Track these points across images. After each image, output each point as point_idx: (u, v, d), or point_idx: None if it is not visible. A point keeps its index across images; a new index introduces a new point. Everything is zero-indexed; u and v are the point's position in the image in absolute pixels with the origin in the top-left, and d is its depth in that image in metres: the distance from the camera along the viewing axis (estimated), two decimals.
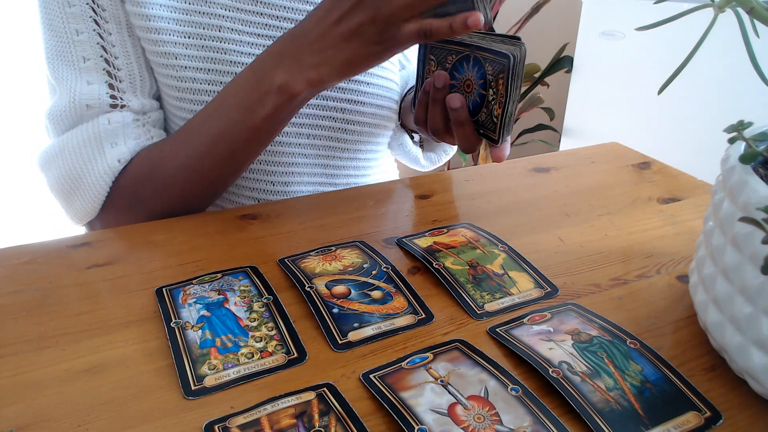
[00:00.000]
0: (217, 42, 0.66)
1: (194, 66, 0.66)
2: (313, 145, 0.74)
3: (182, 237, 0.57)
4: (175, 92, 0.68)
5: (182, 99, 0.67)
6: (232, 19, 0.66)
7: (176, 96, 0.68)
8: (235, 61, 0.67)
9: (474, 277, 0.50)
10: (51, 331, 0.44)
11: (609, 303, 0.47)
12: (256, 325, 0.44)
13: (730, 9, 0.36)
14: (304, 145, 0.73)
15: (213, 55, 0.66)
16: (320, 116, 0.73)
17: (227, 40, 0.66)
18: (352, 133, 0.76)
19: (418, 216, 0.62)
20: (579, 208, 0.63)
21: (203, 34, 0.66)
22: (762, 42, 0.42)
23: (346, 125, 0.75)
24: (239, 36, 0.67)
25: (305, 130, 0.73)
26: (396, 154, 0.89)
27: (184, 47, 0.66)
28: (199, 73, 0.66)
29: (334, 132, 0.75)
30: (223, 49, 0.66)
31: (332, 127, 0.74)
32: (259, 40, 0.68)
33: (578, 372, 0.38)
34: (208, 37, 0.66)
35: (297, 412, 0.36)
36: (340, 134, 0.75)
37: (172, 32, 0.65)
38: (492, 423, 0.34)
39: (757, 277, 0.33)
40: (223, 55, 0.66)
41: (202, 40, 0.66)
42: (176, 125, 0.70)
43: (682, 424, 0.35)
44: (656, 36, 1.64)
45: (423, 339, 0.43)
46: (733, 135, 0.39)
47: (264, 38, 0.68)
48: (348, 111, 0.74)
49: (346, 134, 0.75)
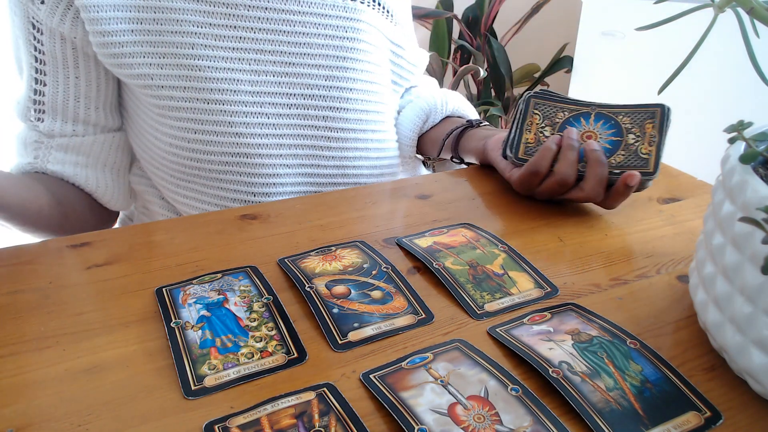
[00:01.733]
0: (191, 60, 0.67)
1: (171, 85, 0.68)
2: (295, 155, 0.74)
3: (182, 237, 0.57)
4: (157, 110, 0.70)
5: (164, 116, 0.70)
6: (205, 36, 0.67)
7: (158, 113, 0.70)
8: (210, 77, 0.68)
9: (474, 277, 0.50)
10: (51, 331, 0.44)
11: (609, 303, 0.47)
12: (256, 325, 0.44)
13: (730, 9, 0.36)
14: (285, 155, 0.73)
15: (188, 72, 0.68)
16: (301, 125, 0.73)
17: (201, 57, 0.67)
18: (336, 140, 0.75)
19: (418, 216, 0.62)
20: (579, 208, 0.63)
21: (177, 53, 0.67)
22: (762, 42, 0.42)
23: (330, 133, 0.75)
24: (213, 52, 0.68)
25: (286, 141, 0.73)
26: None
27: (159, 67, 0.67)
28: (176, 91, 0.68)
29: (317, 140, 0.74)
30: (198, 66, 0.67)
31: (315, 135, 0.74)
32: (234, 53, 0.69)
33: (578, 372, 0.38)
34: (182, 56, 0.67)
35: (297, 412, 0.36)
36: (324, 142, 0.75)
37: (144, 54, 0.68)
38: (492, 423, 0.34)
39: (757, 277, 0.33)
40: (199, 72, 0.68)
41: (176, 59, 0.67)
42: (159, 140, 0.72)
43: (682, 424, 0.35)
44: (656, 36, 1.64)
45: (423, 339, 0.43)
46: (733, 135, 0.39)
47: (239, 51, 0.69)
48: (330, 119, 0.74)
49: (330, 142, 0.75)
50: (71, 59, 0.70)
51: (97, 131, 0.76)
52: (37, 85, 0.71)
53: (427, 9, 2.13)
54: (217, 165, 0.71)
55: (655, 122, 0.62)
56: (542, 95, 0.68)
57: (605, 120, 0.64)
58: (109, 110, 0.76)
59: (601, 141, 0.62)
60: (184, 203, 0.75)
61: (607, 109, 0.65)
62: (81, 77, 0.71)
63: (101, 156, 0.76)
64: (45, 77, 0.70)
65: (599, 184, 0.59)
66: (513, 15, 2.21)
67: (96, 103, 0.73)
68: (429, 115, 0.85)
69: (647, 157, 0.61)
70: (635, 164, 0.60)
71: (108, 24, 0.66)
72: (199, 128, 0.69)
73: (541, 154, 0.61)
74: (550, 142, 0.61)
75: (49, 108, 0.72)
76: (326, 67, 0.73)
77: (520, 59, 2.27)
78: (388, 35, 0.82)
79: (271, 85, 0.71)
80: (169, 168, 0.73)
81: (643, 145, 0.62)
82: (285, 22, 0.70)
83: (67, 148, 0.73)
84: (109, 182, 0.77)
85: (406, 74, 0.89)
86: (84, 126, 0.74)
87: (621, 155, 0.61)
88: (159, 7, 0.67)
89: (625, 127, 0.63)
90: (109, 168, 0.77)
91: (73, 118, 0.73)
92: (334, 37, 0.73)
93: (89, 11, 0.65)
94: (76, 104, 0.72)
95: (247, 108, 0.70)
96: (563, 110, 0.66)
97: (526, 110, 0.66)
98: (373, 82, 0.78)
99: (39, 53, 0.69)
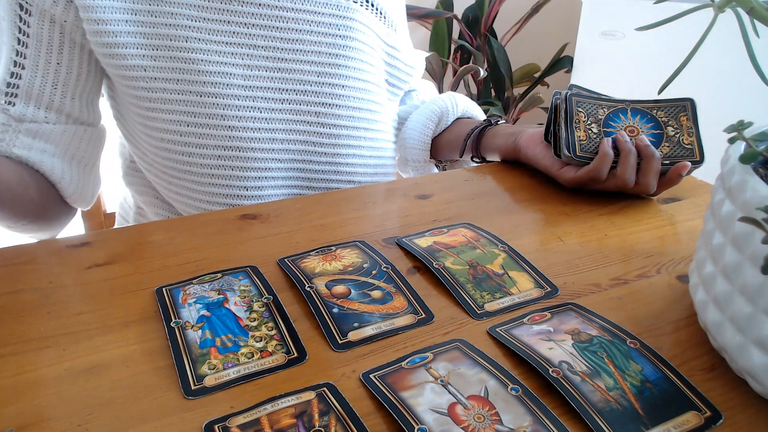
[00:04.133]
0: (185, 53, 0.68)
1: (163, 77, 0.68)
2: (287, 149, 0.74)
3: (182, 237, 0.57)
4: (147, 103, 0.69)
5: (154, 109, 0.69)
6: (199, 29, 0.68)
7: (148, 107, 0.69)
8: (204, 70, 0.68)
9: (474, 277, 0.50)
10: (51, 331, 0.44)
11: (609, 303, 0.47)
12: (256, 325, 0.44)
13: (730, 9, 0.36)
14: (277, 150, 0.73)
15: (181, 65, 0.68)
16: (293, 120, 0.73)
17: (195, 50, 0.68)
18: (328, 136, 0.76)
19: (418, 216, 0.62)
20: (579, 208, 0.63)
21: (170, 45, 0.67)
22: (762, 42, 0.42)
23: (322, 129, 0.75)
24: (207, 45, 0.68)
25: (278, 135, 0.73)
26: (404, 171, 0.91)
27: (152, 59, 0.67)
28: (169, 83, 0.68)
29: (309, 136, 0.75)
30: (191, 59, 0.68)
31: (307, 131, 0.74)
32: (227, 48, 0.69)
33: (578, 372, 0.38)
34: (175, 48, 0.67)
35: (297, 411, 0.36)
36: (316, 138, 0.75)
37: (138, 46, 0.67)
38: (492, 423, 0.34)
39: (757, 277, 0.33)
40: (192, 65, 0.68)
41: (169, 51, 0.67)
42: (150, 137, 0.71)
43: (682, 423, 0.35)
44: (656, 36, 1.64)
45: (423, 339, 0.43)
46: (733, 135, 0.39)
47: (232, 46, 0.69)
48: (322, 114, 0.74)
49: (322, 138, 0.75)
50: (56, 43, 0.68)
51: (69, 121, 0.73)
52: (15, 68, 0.69)
53: (427, 9, 2.13)
54: (209, 159, 0.71)
55: (689, 114, 0.67)
56: (578, 93, 0.69)
57: (642, 115, 0.67)
58: (85, 102, 0.73)
59: (642, 134, 0.65)
60: (176, 199, 0.75)
61: (640, 105, 0.68)
62: (63, 63, 0.70)
63: (70, 147, 0.73)
64: (25, 60, 0.68)
65: (655, 177, 0.62)
66: (513, 15, 2.21)
67: (73, 93, 0.71)
68: (441, 118, 0.85)
69: (690, 147, 0.65)
70: (682, 154, 0.64)
71: (102, 12, 0.66)
72: (192, 121, 0.69)
73: (601, 161, 0.63)
74: (606, 146, 0.63)
75: (24, 92, 0.69)
76: (318, 64, 0.74)
77: (520, 59, 2.27)
78: (382, 37, 0.82)
79: (263, 80, 0.71)
80: (161, 165, 0.73)
81: (684, 136, 0.65)
82: (278, 18, 0.71)
83: (36, 134, 0.70)
84: (75, 175, 0.74)
85: (403, 76, 0.89)
86: (57, 114, 0.72)
87: (666, 147, 0.65)
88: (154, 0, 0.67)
89: (662, 121, 0.67)
90: (77, 161, 0.74)
91: (47, 105, 0.70)
92: (327, 34, 0.74)
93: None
94: (53, 90, 0.70)
95: (239, 102, 0.70)
96: (601, 107, 0.68)
97: (571, 109, 0.67)
98: (366, 81, 0.78)
99: (23, 35, 0.68)
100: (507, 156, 0.76)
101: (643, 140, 0.63)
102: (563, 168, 0.66)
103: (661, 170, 0.63)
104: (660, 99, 0.66)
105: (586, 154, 0.64)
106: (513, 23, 2.19)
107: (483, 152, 0.80)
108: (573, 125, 0.66)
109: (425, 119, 0.86)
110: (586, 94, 0.69)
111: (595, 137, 0.65)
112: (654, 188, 0.63)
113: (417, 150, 0.88)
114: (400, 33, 0.87)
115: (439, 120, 0.85)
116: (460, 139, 0.83)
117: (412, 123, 0.89)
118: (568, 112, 0.66)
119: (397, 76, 0.88)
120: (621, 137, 0.63)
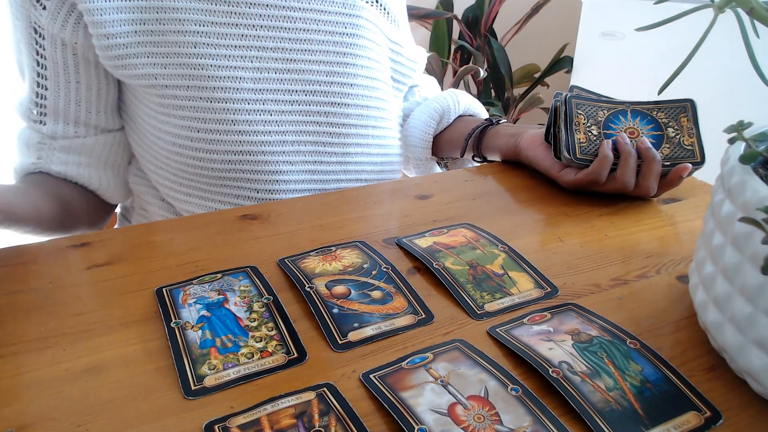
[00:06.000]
0: (194, 59, 0.68)
1: (174, 84, 0.68)
2: (298, 151, 0.74)
3: (182, 237, 0.57)
4: (161, 109, 0.70)
5: (168, 115, 0.70)
6: (208, 34, 0.68)
7: (162, 112, 0.70)
8: (213, 75, 0.68)
9: (474, 277, 0.50)
10: (51, 331, 0.44)
11: (609, 303, 0.47)
12: (256, 325, 0.44)
13: (730, 9, 0.36)
14: (289, 152, 0.73)
15: (191, 71, 0.68)
16: (304, 121, 0.73)
17: (204, 56, 0.68)
18: (338, 136, 0.76)
19: (418, 216, 0.62)
20: (579, 208, 0.63)
21: (179, 52, 0.68)
22: (762, 42, 0.42)
23: (331, 128, 0.75)
24: (216, 50, 0.68)
25: (288, 137, 0.73)
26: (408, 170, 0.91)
27: (162, 67, 0.68)
28: (179, 90, 0.68)
29: (320, 136, 0.75)
30: (201, 65, 0.68)
31: (317, 131, 0.74)
32: (236, 51, 0.69)
33: (578, 372, 0.38)
34: (184, 55, 0.68)
35: (297, 412, 0.36)
36: (326, 138, 0.75)
37: (147, 55, 0.68)
38: (492, 423, 0.34)
39: (757, 277, 0.33)
40: (202, 71, 0.68)
41: (178, 58, 0.68)
42: (162, 140, 0.72)
43: (682, 424, 0.35)
44: (656, 36, 1.64)
45: (423, 339, 0.43)
46: (733, 135, 0.39)
47: (241, 49, 0.69)
48: (332, 114, 0.74)
49: (332, 137, 0.75)
50: (72, 65, 0.71)
51: (98, 132, 0.77)
52: (39, 89, 0.72)
53: (427, 9, 2.13)
54: (220, 164, 0.71)
55: (689, 116, 0.66)
56: (578, 95, 0.69)
57: (642, 116, 0.67)
58: (110, 113, 0.77)
59: (643, 135, 0.65)
60: (187, 202, 0.76)
61: (640, 106, 0.68)
62: (82, 82, 0.72)
63: (102, 155, 0.78)
64: (46, 81, 0.71)
65: (655, 180, 0.62)
66: (513, 15, 2.21)
67: (97, 107, 0.75)
68: (443, 115, 0.85)
69: (691, 148, 0.64)
70: (682, 155, 0.64)
71: (111, 27, 0.66)
72: (203, 127, 0.70)
73: (600, 163, 0.62)
74: (606, 149, 0.63)
75: (51, 111, 0.73)
76: (327, 63, 0.74)
77: (520, 59, 2.27)
78: (387, 33, 0.82)
79: (273, 82, 0.71)
80: (173, 168, 0.73)
81: (684, 137, 0.65)
82: (286, 19, 0.71)
83: (69, 149, 0.75)
84: (111, 179, 0.79)
85: (407, 71, 0.89)
86: (85, 128, 0.75)
87: (667, 148, 0.65)
88: (161, 8, 0.67)
89: (663, 122, 0.66)
90: (110, 166, 0.79)
91: (75, 120, 0.74)
92: (335, 33, 0.74)
93: (92, 14, 0.65)
94: (77, 108, 0.73)
95: (249, 106, 0.70)
96: (601, 108, 0.68)
97: (571, 111, 0.67)
98: (373, 78, 0.78)
99: (41, 57, 0.70)
100: (507, 157, 0.76)
101: (644, 142, 0.63)
102: (563, 170, 0.66)
103: (662, 172, 0.63)
104: (660, 100, 0.66)
105: (586, 156, 0.64)
106: (513, 23, 2.19)
107: (484, 152, 0.80)
108: (573, 127, 0.66)
109: (427, 117, 0.86)
110: (586, 96, 0.69)
111: (595, 139, 0.65)
112: (654, 191, 0.63)
113: (418, 148, 0.88)
114: (403, 28, 0.87)
115: (440, 118, 0.85)
116: (461, 138, 0.83)
117: (413, 121, 0.89)
118: (568, 115, 0.66)
119: (402, 72, 0.88)
120: (621, 139, 0.63)
